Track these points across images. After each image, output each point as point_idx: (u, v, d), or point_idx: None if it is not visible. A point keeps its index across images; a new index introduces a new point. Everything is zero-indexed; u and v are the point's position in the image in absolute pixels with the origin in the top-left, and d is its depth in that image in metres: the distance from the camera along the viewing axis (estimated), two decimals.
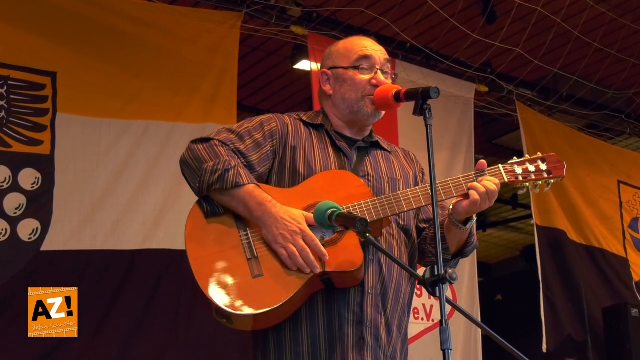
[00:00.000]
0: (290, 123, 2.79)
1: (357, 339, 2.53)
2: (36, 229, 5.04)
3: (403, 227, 2.75)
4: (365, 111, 2.76)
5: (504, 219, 11.49)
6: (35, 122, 5.18)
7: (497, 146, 8.83)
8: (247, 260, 2.49)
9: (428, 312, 6.48)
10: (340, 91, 2.80)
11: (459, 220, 2.66)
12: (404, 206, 2.60)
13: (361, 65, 2.78)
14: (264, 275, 2.47)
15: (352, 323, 2.54)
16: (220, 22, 5.94)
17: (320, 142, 2.77)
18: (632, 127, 8.29)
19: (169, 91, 5.68)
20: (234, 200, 2.53)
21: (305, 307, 2.53)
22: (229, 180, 2.51)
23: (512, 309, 10.54)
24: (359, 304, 2.56)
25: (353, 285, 2.55)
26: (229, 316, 2.44)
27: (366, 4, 6.24)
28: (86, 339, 4.98)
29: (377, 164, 2.81)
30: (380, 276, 2.62)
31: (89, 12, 5.49)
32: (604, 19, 6.67)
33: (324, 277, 2.49)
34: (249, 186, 2.53)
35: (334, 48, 2.91)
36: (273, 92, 7.80)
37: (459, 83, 7.12)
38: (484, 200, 2.60)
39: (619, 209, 8.14)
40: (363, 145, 2.82)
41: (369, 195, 2.61)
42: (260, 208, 2.50)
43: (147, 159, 5.46)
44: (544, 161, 2.76)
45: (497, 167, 2.71)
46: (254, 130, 2.71)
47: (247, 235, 2.53)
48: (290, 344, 2.53)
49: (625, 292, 7.80)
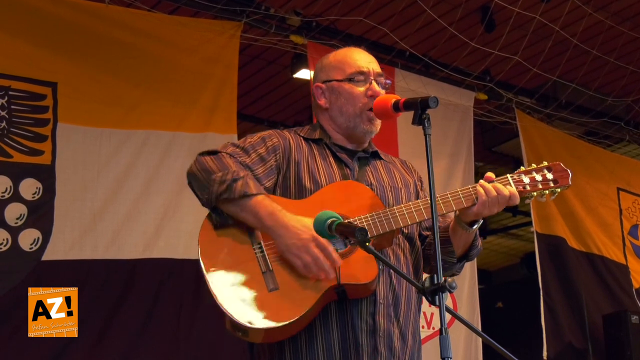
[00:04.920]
0: (291, 138, 2.78)
1: (372, 350, 2.54)
2: (37, 239, 5.05)
3: (407, 236, 2.76)
4: (362, 128, 2.77)
5: (504, 226, 11.50)
6: (36, 132, 5.19)
7: (497, 154, 8.84)
8: (262, 273, 2.49)
9: (428, 319, 6.48)
10: (337, 104, 2.80)
11: (465, 222, 2.67)
12: (416, 217, 2.61)
13: (356, 78, 2.78)
14: (279, 288, 2.47)
15: (366, 333, 2.54)
16: (220, 32, 5.95)
17: (322, 155, 2.76)
18: (631, 134, 8.31)
19: (169, 101, 5.68)
20: (243, 210, 2.52)
21: (319, 317, 2.53)
22: (237, 189, 2.50)
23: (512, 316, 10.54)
24: (372, 314, 2.56)
25: (365, 296, 2.56)
26: (245, 330, 2.45)
27: (365, 13, 6.25)
28: (87, 348, 4.99)
29: (379, 173, 2.82)
30: (390, 286, 2.63)
31: (89, 22, 5.50)
32: (602, 26, 6.68)
33: (339, 289, 2.49)
34: (259, 196, 2.52)
35: (326, 61, 2.91)
36: (273, 101, 7.82)
37: (458, 91, 7.13)
38: (493, 204, 2.61)
39: (618, 216, 8.15)
40: (363, 156, 2.83)
41: (380, 206, 2.62)
42: (271, 218, 2.49)
43: (147, 169, 5.47)
44: (550, 170, 2.77)
45: (506, 177, 2.71)
46: (257, 145, 2.70)
47: (260, 247, 2.53)
48: (305, 354, 2.53)
49: (626, 299, 7.81)
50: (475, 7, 6.60)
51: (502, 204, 2.63)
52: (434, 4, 6.22)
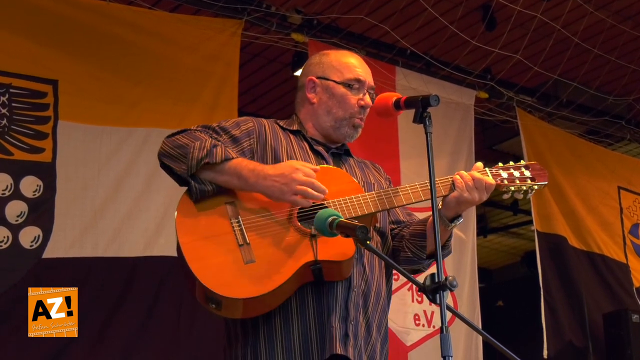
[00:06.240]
0: (267, 125, 2.81)
1: (343, 334, 2.56)
2: (38, 237, 5.05)
3: (379, 230, 2.80)
4: (344, 132, 2.83)
5: (505, 224, 11.50)
6: (36, 129, 5.19)
7: (498, 152, 8.84)
8: (239, 246, 2.49)
9: (429, 318, 6.48)
10: (327, 103, 2.83)
11: (447, 217, 2.71)
12: (403, 200, 2.67)
13: (353, 85, 2.82)
14: (255, 261, 2.48)
15: (339, 318, 2.56)
16: (221, 30, 5.95)
17: (299, 145, 2.80)
18: (632, 132, 8.30)
19: (170, 99, 5.68)
20: (225, 173, 2.55)
21: (294, 300, 2.55)
22: (218, 154, 2.54)
23: (512, 314, 10.56)
24: (345, 300, 2.59)
25: (340, 279, 2.58)
26: (219, 301, 2.44)
27: (366, 11, 6.25)
28: (88, 346, 4.99)
29: (352, 169, 2.87)
30: (363, 276, 2.66)
31: (90, 20, 5.50)
32: (603, 25, 6.68)
33: (315, 266, 2.50)
34: (238, 159, 2.57)
35: (325, 58, 2.92)
36: (274, 99, 7.81)
37: (459, 89, 7.13)
38: (471, 188, 2.65)
39: (619, 215, 8.14)
40: (337, 152, 2.88)
41: (359, 191, 2.67)
42: (253, 174, 2.53)
43: (148, 167, 5.47)
44: (527, 168, 2.83)
45: (484, 169, 2.76)
46: (230, 128, 2.74)
47: (238, 222, 2.54)
48: (281, 336, 2.54)
49: (626, 298, 7.81)
50: (476, 5, 6.60)
51: (481, 188, 2.67)
52: (435, 3, 6.23)
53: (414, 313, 6.41)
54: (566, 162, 7.70)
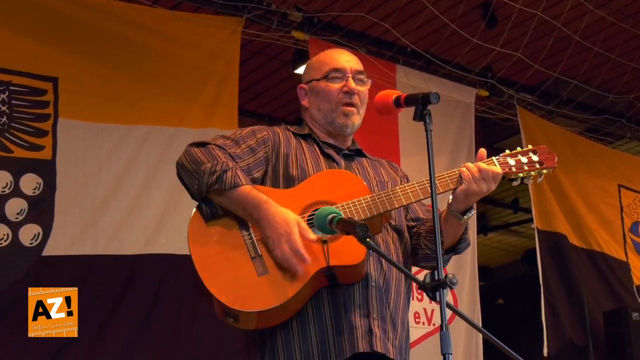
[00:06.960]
0: (281, 132, 2.85)
1: (366, 331, 2.56)
2: (37, 234, 5.05)
3: (395, 227, 2.80)
4: (337, 122, 2.85)
5: (505, 222, 11.50)
6: (36, 127, 5.19)
7: (498, 150, 8.67)
8: (252, 258, 2.52)
9: (429, 316, 6.48)
10: (315, 102, 2.89)
11: (458, 210, 2.70)
12: (403, 200, 2.65)
13: (331, 75, 2.85)
14: (269, 272, 2.49)
15: (359, 315, 2.56)
16: (221, 27, 5.95)
17: (310, 150, 2.83)
18: (632, 131, 8.30)
19: (171, 96, 5.68)
20: (232, 202, 2.57)
21: (311, 303, 2.56)
22: (227, 181, 2.54)
23: (513, 312, 10.57)
24: (364, 297, 2.59)
25: (356, 280, 2.58)
26: (236, 314, 2.46)
27: (367, 9, 6.25)
28: (87, 344, 4.98)
29: (364, 169, 2.88)
30: (381, 271, 2.66)
31: (91, 17, 5.50)
32: (604, 23, 6.68)
33: (328, 272, 2.51)
34: (245, 187, 2.56)
35: (309, 63, 3.01)
36: (274, 96, 7.82)
37: (459, 87, 7.13)
38: (478, 179, 2.66)
39: (619, 213, 8.14)
40: (348, 153, 2.90)
41: (367, 192, 2.67)
42: (256, 210, 2.54)
43: (148, 164, 5.47)
44: (535, 153, 2.86)
45: (491, 159, 2.79)
46: (247, 137, 2.77)
47: (249, 234, 2.56)
48: (298, 340, 2.55)
49: (626, 296, 7.81)
50: (476, 3, 6.60)
51: (488, 178, 2.69)
52: (436, 0, 6.23)
53: (414, 311, 6.41)
54: (566, 160, 7.69)
